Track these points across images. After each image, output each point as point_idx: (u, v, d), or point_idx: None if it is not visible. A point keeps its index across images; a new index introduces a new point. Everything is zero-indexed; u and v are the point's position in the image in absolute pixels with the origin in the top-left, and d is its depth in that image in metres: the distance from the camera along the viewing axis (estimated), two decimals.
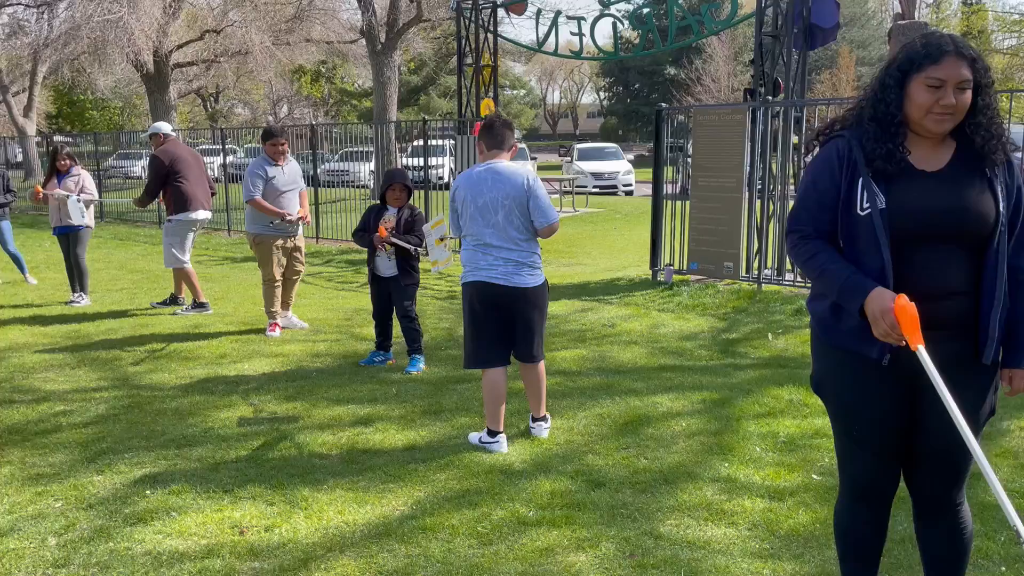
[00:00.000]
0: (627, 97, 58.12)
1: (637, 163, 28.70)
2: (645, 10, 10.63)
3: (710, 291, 8.33)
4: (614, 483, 3.80)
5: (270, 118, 46.47)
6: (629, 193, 23.49)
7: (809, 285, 8.50)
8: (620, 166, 23.88)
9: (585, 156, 24.86)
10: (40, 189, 8.56)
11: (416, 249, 5.77)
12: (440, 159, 16.46)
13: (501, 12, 12.67)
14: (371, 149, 19.87)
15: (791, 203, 8.75)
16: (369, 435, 4.54)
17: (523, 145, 28.81)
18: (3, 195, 9.53)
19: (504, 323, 4.32)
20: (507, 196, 4.18)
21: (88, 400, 5.27)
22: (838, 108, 10.37)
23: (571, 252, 12.07)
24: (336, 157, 17.36)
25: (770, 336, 6.58)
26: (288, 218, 6.95)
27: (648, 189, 21.01)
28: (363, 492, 3.80)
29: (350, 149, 19.03)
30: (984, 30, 42.04)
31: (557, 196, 19.06)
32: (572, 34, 11.60)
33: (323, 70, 47.42)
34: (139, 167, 26.28)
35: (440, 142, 19.28)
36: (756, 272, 8.58)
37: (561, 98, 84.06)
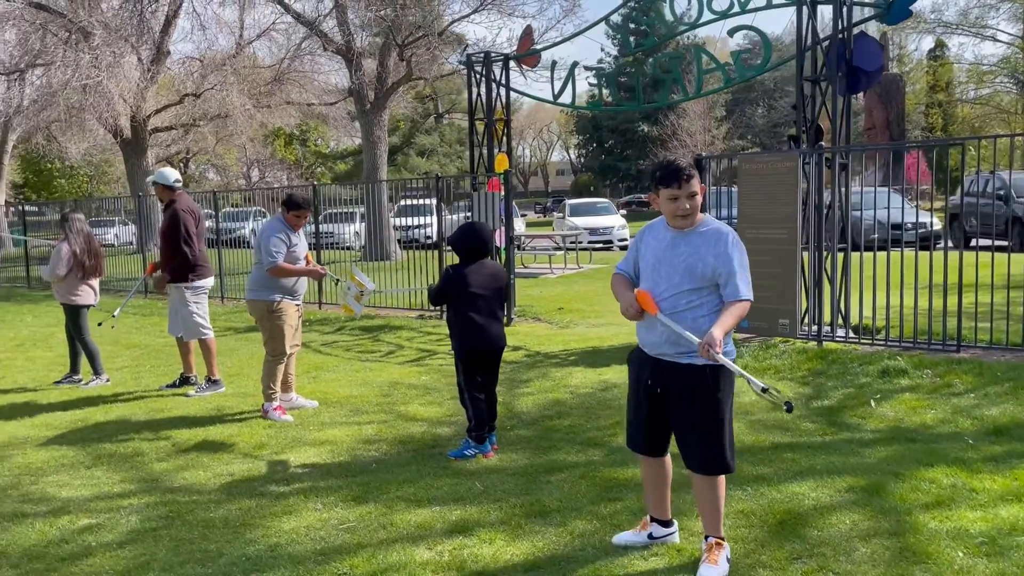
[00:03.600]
0: (601, 154, 58.51)
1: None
2: (670, 59, 10.19)
3: (773, 351, 7.69)
4: None
5: (242, 182, 45.79)
6: (624, 248, 23.05)
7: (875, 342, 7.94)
8: (614, 220, 23.46)
9: (577, 212, 24.44)
10: None
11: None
12: (427, 219, 15.90)
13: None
14: (354, 210, 19.21)
15: (840, 254, 8.21)
16: (474, 548, 3.76)
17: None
18: None
19: None
20: None
21: (116, 510, 4.42)
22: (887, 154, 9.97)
23: (595, 311, 11.42)
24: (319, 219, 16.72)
25: (872, 403, 5.92)
26: (323, 271, 6.42)
27: None
28: None
29: (332, 211, 18.37)
30: (950, 82, 43.05)
31: (561, 253, 18.49)
32: (591, 84, 11.16)
33: (297, 133, 47.08)
34: (111, 234, 25.37)
35: (424, 201, 18.73)
36: (815, 329, 7.98)
37: (531, 156, 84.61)
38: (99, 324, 8.41)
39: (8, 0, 18.46)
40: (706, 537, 3.50)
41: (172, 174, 7.45)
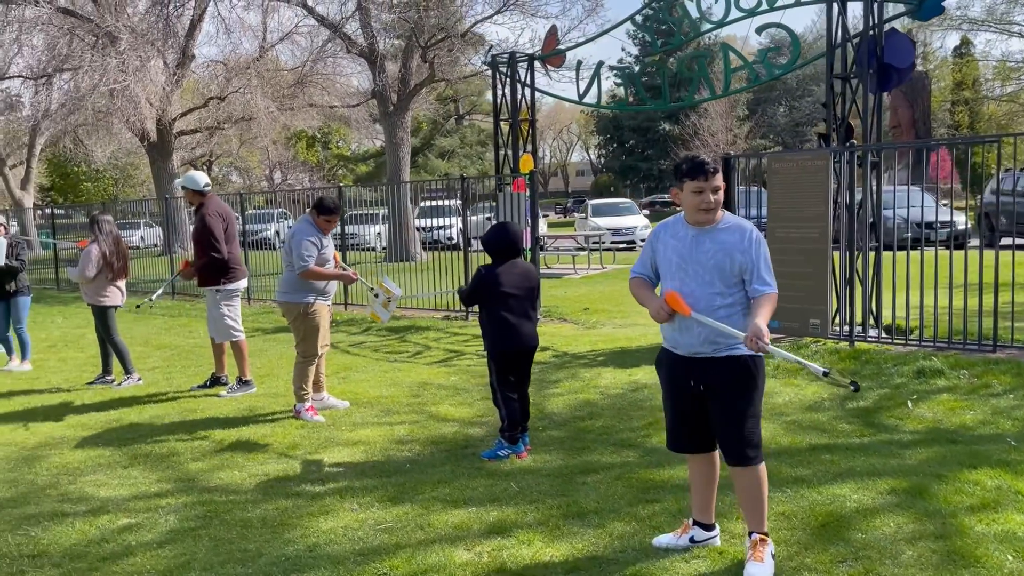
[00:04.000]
0: (622, 154, 58.34)
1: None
2: (696, 58, 10.12)
3: (804, 352, 7.61)
4: None
5: (264, 184, 46.11)
6: None
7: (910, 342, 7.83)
8: (637, 221, 23.36)
9: (599, 212, 24.35)
10: None
11: None
12: (449, 219, 15.90)
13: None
14: (375, 212, 19.26)
15: (872, 253, 8.12)
16: (513, 549, 3.74)
17: None
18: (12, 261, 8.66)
19: None
20: None
21: (155, 510, 4.45)
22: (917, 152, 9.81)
23: (621, 311, 11.37)
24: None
25: (909, 404, 5.84)
26: (355, 277, 6.44)
27: None
28: None
29: (354, 212, 18.43)
30: (976, 79, 42.48)
31: (584, 253, 18.44)
32: (616, 84, 11.12)
33: (319, 135, 47.35)
34: (137, 236, 25.65)
35: (446, 203, 18.73)
36: (847, 329, 7.89)
37: (551, 157, 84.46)
38: (137, 307, 8.48)
39: (36, 5, 18.69)
40: (750, 534, 3.46)
41: (202, 178, 7.50)
